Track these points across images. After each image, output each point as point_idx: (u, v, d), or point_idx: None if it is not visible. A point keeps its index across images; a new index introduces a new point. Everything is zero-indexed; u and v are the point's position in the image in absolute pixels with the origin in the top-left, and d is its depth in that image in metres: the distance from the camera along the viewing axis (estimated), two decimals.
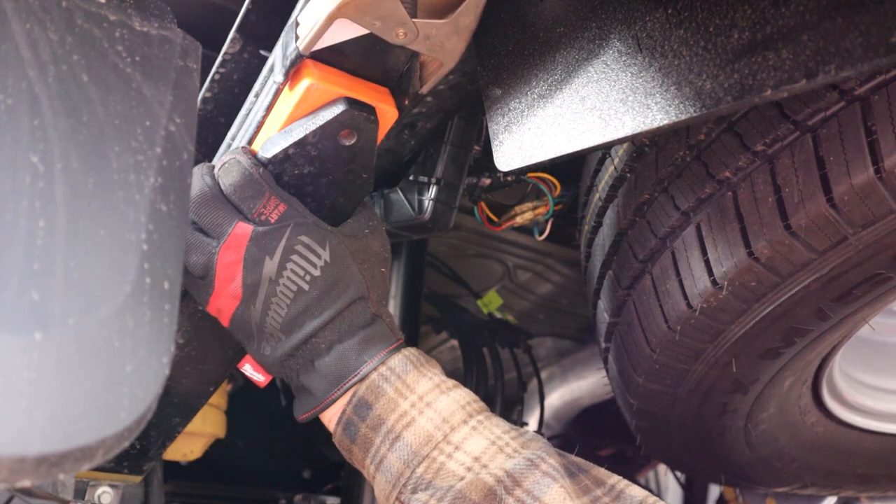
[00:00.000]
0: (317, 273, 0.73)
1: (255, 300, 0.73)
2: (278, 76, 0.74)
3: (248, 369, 0.79)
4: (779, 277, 0.84)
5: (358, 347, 0.74)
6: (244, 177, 0.73)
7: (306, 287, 0.73)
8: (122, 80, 0.62)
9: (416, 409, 0.72)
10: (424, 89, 0.77)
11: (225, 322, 0.76)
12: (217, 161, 0.77)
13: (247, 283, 0.73)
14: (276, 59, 0.75)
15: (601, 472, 0.71)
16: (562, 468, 0.68)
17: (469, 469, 0.69)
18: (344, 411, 0.74)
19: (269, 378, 0.80)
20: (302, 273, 0.73)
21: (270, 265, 0.72)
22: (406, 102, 0.78)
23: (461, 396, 0.74)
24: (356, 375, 0.73)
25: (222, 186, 0.74)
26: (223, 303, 0.74)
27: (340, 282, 0.74)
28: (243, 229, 0.72)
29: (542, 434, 1.97)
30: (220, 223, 0.73)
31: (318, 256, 0.73)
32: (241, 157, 0.74)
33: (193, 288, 0.76)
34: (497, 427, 0.72)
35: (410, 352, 0.76)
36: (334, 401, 0.74)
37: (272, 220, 0.73)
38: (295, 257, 0.73)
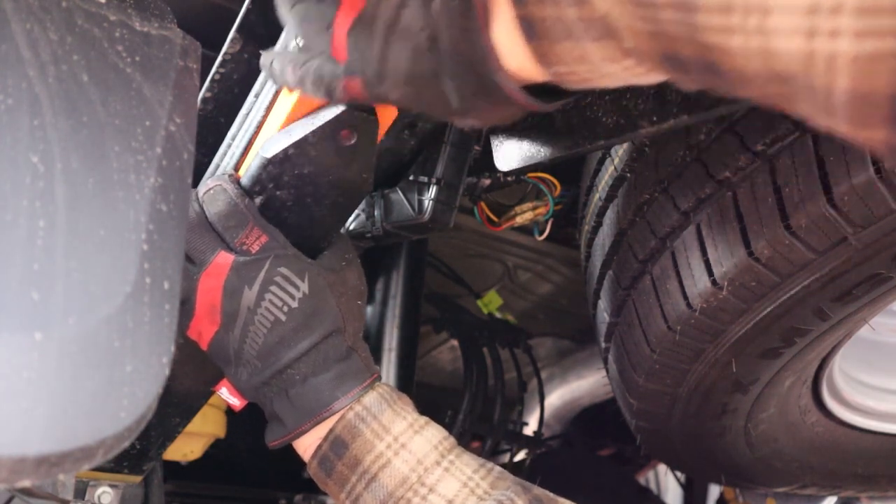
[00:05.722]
0: (294, 305, 0.74)
1: (234, 327, 0.74)
2: None
3: (225, 392, 0.81)
4: (779, 277, 0.84)
5: (332, 383, 0.76)
6: (229, 206, 0.74)
7: (283, 318, 0.74)
8: (122, 80, 0.62)
9: (391, 451, 0.73)
10: None
11: (204, 346, 0.78)
12: (202, 186, 0.77)
13: (226, 310, 0.74)
14: None
15: None
16: None
17: None
18: (320, 447, 0.75)
19: (245, 402, 0.81)
20: (280, 304, 0.74)
21: (249, 295, 0.73)
22: None
23: (433, 435, 0.76)
24: (328, 410, 0.75)
25: (207, 214, 0.75)
26: (203, 327, 0.76)
27: (317, 314, 0.76)
28: (224, 258, 0.73)
29: (541, 434, 1.97)
30: (203, 250, 0.74)
31: (297, 288, 0.75)
32: (228, 185, 0.75)
33: None
34: (467, 466, 0.75)
35: (384, 389, 0.78)
36: (304, 432, 0.76)
37: (253, 251, 0.74)
38: (273, 288, 0.74)
